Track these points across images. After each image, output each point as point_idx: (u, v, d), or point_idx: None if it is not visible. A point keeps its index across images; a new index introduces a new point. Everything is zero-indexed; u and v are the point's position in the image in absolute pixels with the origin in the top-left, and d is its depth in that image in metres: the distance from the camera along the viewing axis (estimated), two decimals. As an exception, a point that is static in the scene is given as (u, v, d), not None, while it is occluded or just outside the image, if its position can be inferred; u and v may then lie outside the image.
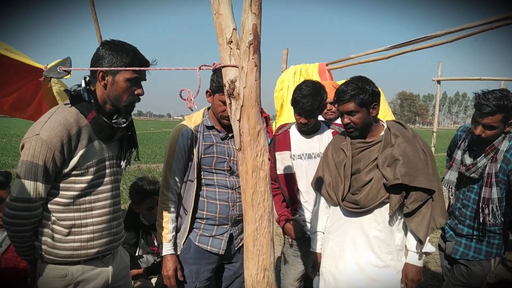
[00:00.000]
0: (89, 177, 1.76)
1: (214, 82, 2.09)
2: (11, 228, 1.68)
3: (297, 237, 2.56)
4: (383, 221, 2.06)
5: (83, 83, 1.76)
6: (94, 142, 1.77)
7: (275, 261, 2.27)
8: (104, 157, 1.83)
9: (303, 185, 2.56)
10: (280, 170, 2.58)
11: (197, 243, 2.19)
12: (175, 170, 2.16)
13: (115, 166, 1.91)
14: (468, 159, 2.50)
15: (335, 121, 2.97)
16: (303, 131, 2.57)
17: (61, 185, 1.72)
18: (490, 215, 2.36)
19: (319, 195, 2.34)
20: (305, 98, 2.35)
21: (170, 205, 2.17)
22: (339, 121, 2.39)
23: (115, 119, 1.81)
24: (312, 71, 4.23)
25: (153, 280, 3.26)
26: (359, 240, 2.10)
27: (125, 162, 1.96)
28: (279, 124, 3.87)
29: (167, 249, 2.15)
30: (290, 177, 2.57)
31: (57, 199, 1.73)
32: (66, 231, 1.74)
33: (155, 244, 3.20)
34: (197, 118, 2.25)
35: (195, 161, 2.15)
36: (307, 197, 2.56)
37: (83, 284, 1.83)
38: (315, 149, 2.55)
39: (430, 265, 4.56)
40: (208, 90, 2.18)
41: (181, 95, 1.31)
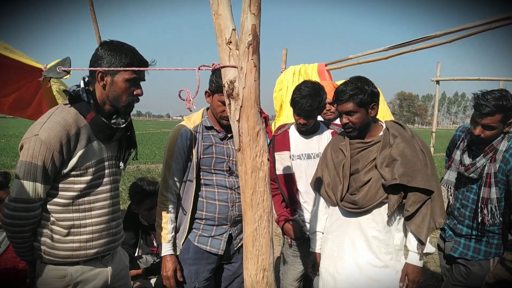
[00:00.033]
0: (88, 178, 1.76)
1: (213, 82, 2.09)
2: (10, 228, 1.68)
3: (296, 237, 2.56)
4: (382, 221, 2.06)
5: (82, 83, 1.76)
6: (93, 142, 1.77)
7: (275, 261, 2.27)
8: (103, 158, 1.82)
9: (302, 185, 2.56)
10: (279, 170, 2.58)
11: (196, 244, 2.19)
12: (174, 170, 2.16)
13: (114, 166, 1.91)
14: (467, 159, 2.51)
15: (334, 121, 2.97)
16: (302, 131, 2.57)
17: (60, 185, 1.72)
18: (489, 215, 2.36)
19: (318, 195, 2.34)
20: (304, 98, 2.35)
21: (169, 205, 2.17)
22: (338, 121, 2.39)
23: (114, 120, 1.81)
24: (311, 71, 4.23)
25: (152, 280, 3.25)
26: (358, 240, 2.10)
27: (124, 163, 1.96)
28: (279, 124, 3.87)
29: (166, 249, 2.15)
30: (289, 178, 2.57)
31: (56, 200, 1.73)
32: (65, 231, 1.74)
33: (154, 244, 3.20)
34: (196, 118, 2.25)
35: (194, 162, 2.15)
36: (306, 197, 2.56)
37: (82, 284, 1.83)
38: (315, 149, 2.55)
39: (429, 265, 4.56)
40: (207, 90, 2.18)
41: (180, 96, 1.31)
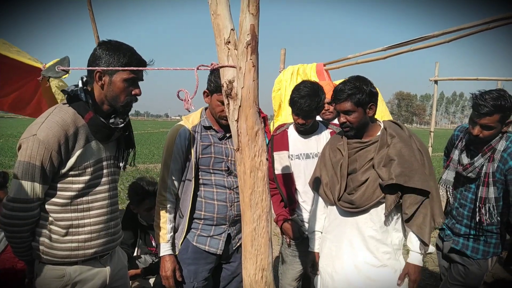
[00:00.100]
0: (86, 178, 1.76)
1: (212, 82, 2.09)
2: (8, 228, 1.68)
3: (295, 237, 2.56)
4: (379, 220, 2.06)
5: (80, 83, 1.75)
6: (91, 142, 1.77)
7: (273, 261, 2.27)
8: (101, 158, 1.82)
9: (301, 185, 2.56)
10: (278, 170, 2.58)
11: (195, 243, 2.19)
12: (172, 170, 2.16)
13: (113, 166, 1.90)
14: (465, 159, 2.51)
15: (333, 121, 2.97)
16: (301, 131, 2.57)
17: (59, 185, 1.72)
18: (486, 215, 2.37)
19: (316, 194, 2.34)
20: (303, 98, 2.35)
21: (167, 205, 2.17)
22: (337, 121, 2.39)
23: (112, 119, 1.81)
24: (310, 71, 4.23)
25: (151, 280, 3.25)
26: (355, 239, 2.10)
27: (123, 163, 1.96)
28: (277, 124, 3.87)
29: (165, 249, 2.15)
30: (288, 177, 2.57)
31: (55, 200, 1.73)
32: (63, 231, 1.74)
33: (153, 244, 3.19)
34: (194, 118, 2.25)
35: (192, 161, 2.15)
36: (305, 197, 2.56)
37: (81, 284, 1.82)
38: (313, 149, 2.55)
39: (428, 265, 4.57)
40: (205, 90, 2.17)
41: (178, 96, 1.31)
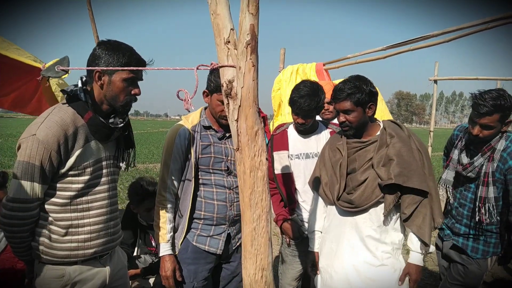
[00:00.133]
0: (86, 177, 1.76)
1: (212, 82, 2.08)
2: (8, 228, 1.68)
3: (295, 236, 2.56)
4: (378, 220, 2.07)
5: (80, 83, 1.75)
6: (91, 142, 1.76)
7: (273, 260, 2.28)
8: (101, 157, 1.82)
9: (300, 184, 2.56)
10: (277, 169, 2.58)
11: (195, 243, 2.19)
12: (172, 170, 2.16)
13: (112, 166, 1.90)
14: (465, 158, 2.51)
15: (333, 121, 2.97)
16: (300, 131, 2.57)
17: (58, 185, 1.72)
18: (486, 214, 2.37)
19: (316, 194, 2.34)
20: (302, 98, 2.35)
21: (167, 205, 2.16)
22: (337, 120, 2.39)
23: (112, 119, 1.81)
24: (309, 71, 4.23)
25: (151, 280, 3.25)
26: (355, 239, 2.11)
27: (125, 163, 1.96)
28: (277, 124, 3.87)
29: (165, 249, 2.15)
30: (287, 177, 2.57)
31: (54, 199, 1.73)
32: (63, 231, 1.74)
33: (153, 244, 3.19)
34: (194, 118, 2.24)
35: (192, 161, 2.15)
36: (304, 196, 2.56)
37: (81, 284, 1.82)
38: (313, 148, 2.55)
39: (427, 264, 4.57)
40: (205, 90, 2.17)
41: (178, 96, 1.31)
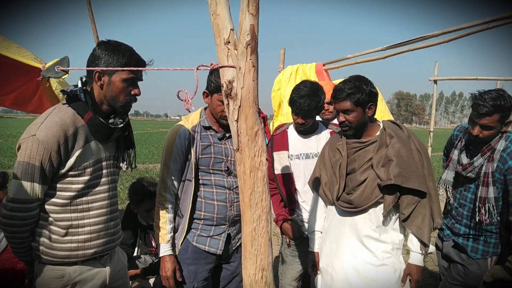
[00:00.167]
0: (86, 178, 1.76)
1: (212, 82, 2.08)
2: (8, 229, 1.68)
3: (295, 237, 2.56)
4: (378, 220, 2.07)
5: (80, 83, 1.75)
6: (90, 142, 1.76)
7: (273, 261, 2.28)
8: (101, 158, 1.82)
9: (300, 185, 2.56)
10: (278, 170, 2.58)
11: (195, 244, 2.19)
12: (172, 170, 2.15)
13: (112, 166, 1.90)
14: (464, 159, 2.51)
15: (333, 121, 2.97)
16: (300, 131, 2.57)
17: (58, 185, 1.72)
18: (486, 214, 2.37)
19: (316, 194, 2.34)
20: (302, 98, 2.35)
21: (167, 205, 2.16)
22: (337, 121, 2.40)
23: (111, 120, 1.81)
24: (309, 71, 4.24)
25: (151, 280, 3.25)
26: (355, 239, 2.11)
27: (126, 164, 1.96)
28: (277, 124, 3.87)
29: (165, 250, 2.15)
30: (287, 177, 2.57)
31: (54, 200, 1.73)
32: (63, 231, 1.74)
33: (153, 244, 3.19)
34: (194, 118, 2.24)
35: (192, 162, 2.15)
36: (304, 197, 2.56)
37: (81, 284, 1.82)
38: (313, 149, 2.55)
39: (427, 265, 4.57)
40: (205, 91, 2.17)
41: (178, 96, 1.31)
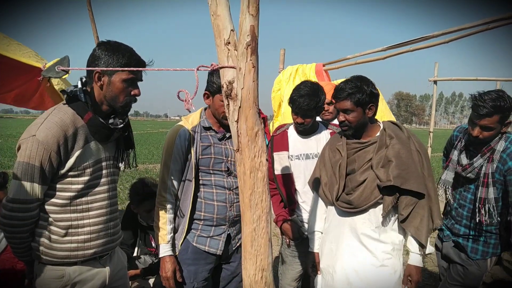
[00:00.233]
0: (85, 178, 1.76)
1: (214, 83, 2.07)
2: (7, 229, 1.68)
3: (295, 237, 2.56)
4: (377, 221, 2.07)
5: (80, 83, 1.75)
6: (90, 143, 1.76)
7: (273, 261, 2.28)
8: (100, 158, 1.82)
9: (300, 185, 2.56)
10: (278, 170, 2.58)
11: (195, 244, 2.19)
12: (172, 171, 2.15)
13: (112, 167, 1.90)
14: (464, 159, 2.51)
15: (333, 121, 2.98)
16: (300, 131, 2.58)
17: (58, 186, 1.72)
18: (486, 215, 2.37)
19: (316, 195, 2.34)
20: (302, 97, 2.36)
21: (167, 206, 2.16)
22: (337, 121, 2.40)
23: (111, 120, 1.81)
24: (309, 71, 4.23)
25: (151, 280, 3.25)
26: (354, 239, 2.11)
27: (124, 164, 1.96)
28: (277, 124, 3.87)
29: (165, 250, 2.15)
30: (287, 178, 2.57)
31: (54, 200, 1.73)
32: (63, 232, 1.74)
33: (153, 245, 3.19)
34: (194, 119, 2.24)
35: (193, 162, 2.14)
36: (304, 197, 2.56)
37: (80, 284, 1.82)
38: (313, 149, 2.55)
39: (427, 265, 4.57)
40: (206, 92, 2.16)
41: (179, 96, 1.31)
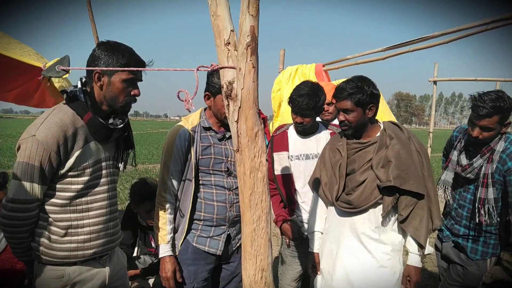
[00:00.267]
0: (85, 178, 1.76)
1: (216, 84, 2.07)
2: (7, 229, 1.68)
3: (294, 237, 2.56)
4: (377, 221, 2.07)
5: (79, 84, 1.76)
6: (90, 143, 1.77)
7: (273, 261, 2.28)
8: (100, 158, 1.82)
9: (300, 185, 2.56)
10: (277, 170, 2.59)
11: (195, 244, 2.19)
12: (172, 171, 2.15)
13: (112, 167, 1.90)
14: (464, 160, 2.52)
15: (332, 122, 2.98)
16: (300, 131, 2.58)
17: (58, 186, 1.72)
18: (486, 215, 2.37)
19: (316, 195, 2.35)
20: (301, 97, 2.36)
21: (167, 206, 2.16)
22: (337, 121, 2.40)
23: (111, 120, 1.81)
24: (308, 72, 4.23)
25: (151, 281, 3.25)
26: (354, 240, 2.11)
27: (123, 164, 1.96)
28: (277, 125, 3.87)
29: (165, 250, 2.14)
30: (287, 178, 2.57)
31: (54, 200, 1.73)
32: (62, 232, 1.74)
33: (153, 245, 3.19)
34: (194, 119, 2.24)
35: (193, 162, 2.15)
36: (304, 197, 2.56)
37: (80, 285, 1.82)
38: (313, 149, 2.55)
39: (427, 265, 4.57)
40: (207, 93, 2.15)
41: (179, 97, 1.31)
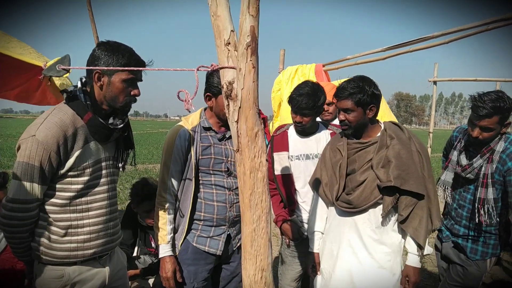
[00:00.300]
0: (85, 178, 1.76)
1: (217, 84, 2.07)
2: (7, 229, 1.68)
3: (294, 237, 2.56)
4: (377, 221, 2.07)
5: (79, 83, 1.76)
6: (90, 143, 1.77)
7: (273, 261, 2.28)
8: (100, 158, 1.82)
9: (300, 185, 2.56)
10: (278, 170, 2.59)
11: (195, 244, 2.19)
12: (172, 171, 2.15)
13: (112, 167, 1.90)
14: (464, 160, 2.52)
15: (333, 122, 2.98)
16: (300, 131, 2.58)
17: (58, 186, 1.72)
18: (485, 216, 2.37)
19: (316, 195, 2.35)
20: (301, 96, 2.37)
21: (167, 206, 2.16)
22: (337, 122, 2.40)
23: (111, 120, 1.81)
24: (308, 72, 4.23)
25: (150, 280, 3.25)
26: (354, 240, 2.11)
27: (123, 164, 1.96)
28: (277, 125, 3.88)
29: (165, 250, 2.15)
30: (287, 178, 2.57)
31: (54, 200, 1.73)
32: (62, 232, 1.74)
33: (153, 245, 3.19)
34: (194, 119, 2.24)
35: (193, 162, 2.15)
36: (304, 197, 2.56)
37: (80, 284, 1.82)
38: (313, 149, 2.55)
39: (426, 266, 4.57)
40: (208, 93, 2.15)
41: (179, 97, 1.31)
